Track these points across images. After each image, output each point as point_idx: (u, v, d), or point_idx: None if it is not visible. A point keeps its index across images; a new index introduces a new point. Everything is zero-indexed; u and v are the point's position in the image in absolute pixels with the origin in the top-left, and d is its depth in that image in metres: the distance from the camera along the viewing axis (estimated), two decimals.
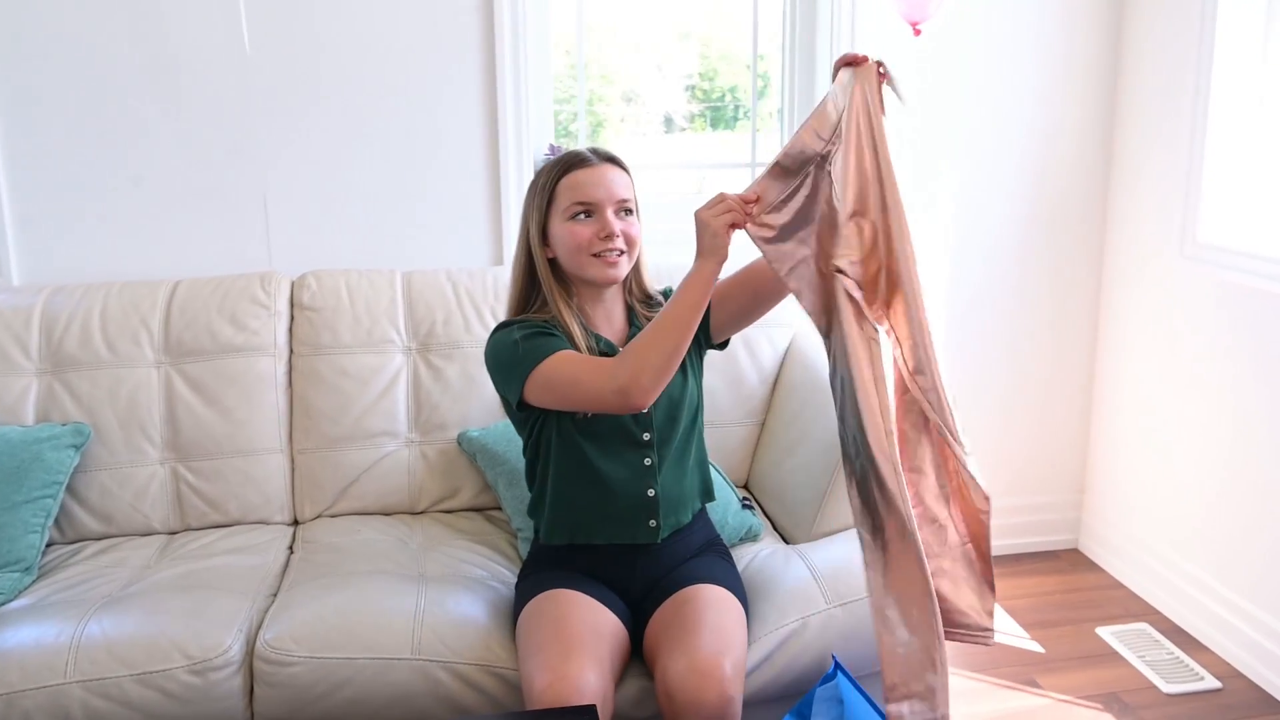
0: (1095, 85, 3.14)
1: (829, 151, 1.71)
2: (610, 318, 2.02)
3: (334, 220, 2.81)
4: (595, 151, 1.98)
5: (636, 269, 2.03)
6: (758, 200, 1.75)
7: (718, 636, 1.79)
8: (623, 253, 1.94)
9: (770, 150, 3.21)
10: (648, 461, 1.97)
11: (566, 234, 1.93)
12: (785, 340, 2.70)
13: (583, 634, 1.82)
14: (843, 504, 2.23)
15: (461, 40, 2.78)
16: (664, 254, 2.35)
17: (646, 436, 1.97)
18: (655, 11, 3.16)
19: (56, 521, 2.40)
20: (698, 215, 1.77)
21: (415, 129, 2.80)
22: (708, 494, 2.11)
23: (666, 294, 2.08)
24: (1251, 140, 2.80)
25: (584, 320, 1.98)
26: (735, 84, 3.33)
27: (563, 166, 1.97)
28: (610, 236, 1.91)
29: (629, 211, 1.96)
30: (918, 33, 2.71)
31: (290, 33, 2.70)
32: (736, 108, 3.34)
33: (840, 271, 1.69)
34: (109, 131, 2.68)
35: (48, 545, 2.38)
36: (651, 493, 1.98)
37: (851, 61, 1.71)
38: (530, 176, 2.86)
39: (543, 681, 1.71)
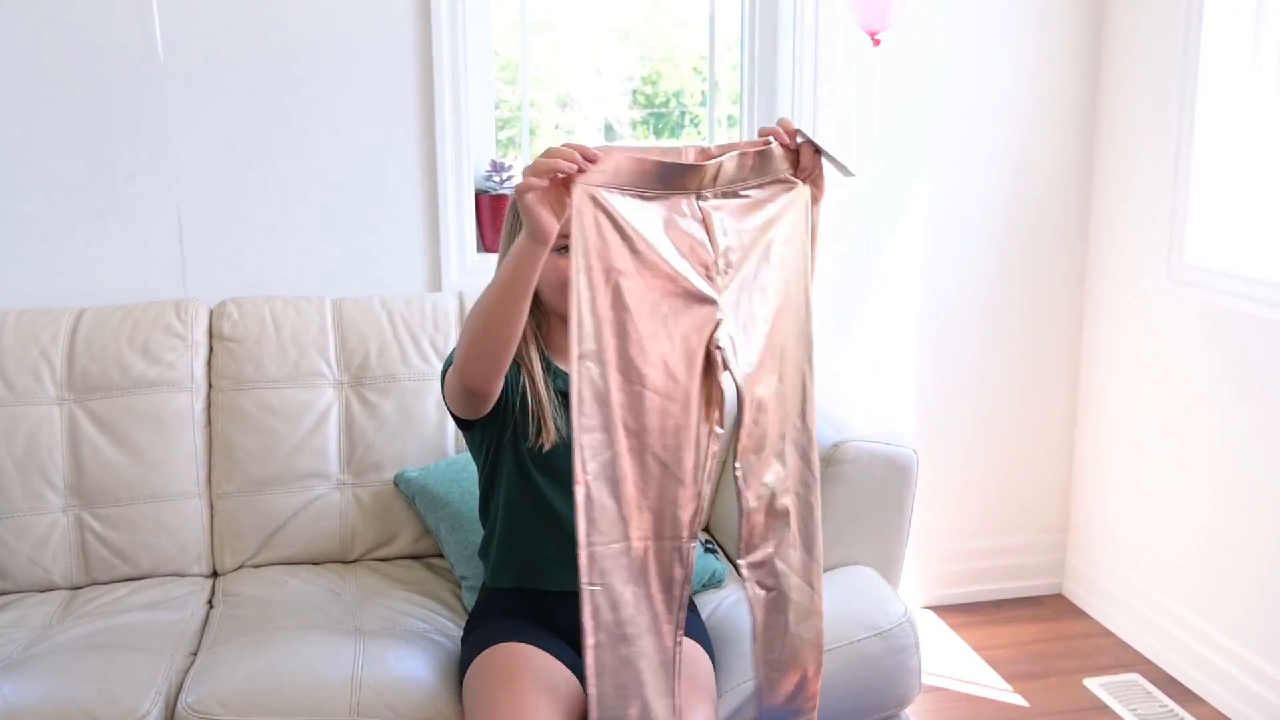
0: (1074, 97, 3.24)
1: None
2: None
3: (256, 243, 2.82)
4: None
5: None
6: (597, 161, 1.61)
7: (692, 693, 1.82)
8: None
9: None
10: None
11: (551, 267, 1.93)
12: None
13: (536, 693, 1.84)
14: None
15: (395, 45, 2.81)
16: None
17: None
18: (592, 9, 3.19)
19: None
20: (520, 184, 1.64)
21: (345, 143, 2.83)
22: None
23: None
24: (1240, 155, 2.90)
25: (548, 352, 2.02)
26: (681, 88, 3.39)
27: None
28: None
29: None
30: (876, 43, 2.80)
31: (208, 39, 2.72)
32: (682, 114, 3.40)
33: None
34: (2, 145, 2.68)
35: None
36: None
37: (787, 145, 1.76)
38: (471, 193, 2.91)
39: None
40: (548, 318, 2.03)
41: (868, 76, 3.11)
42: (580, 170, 1.60)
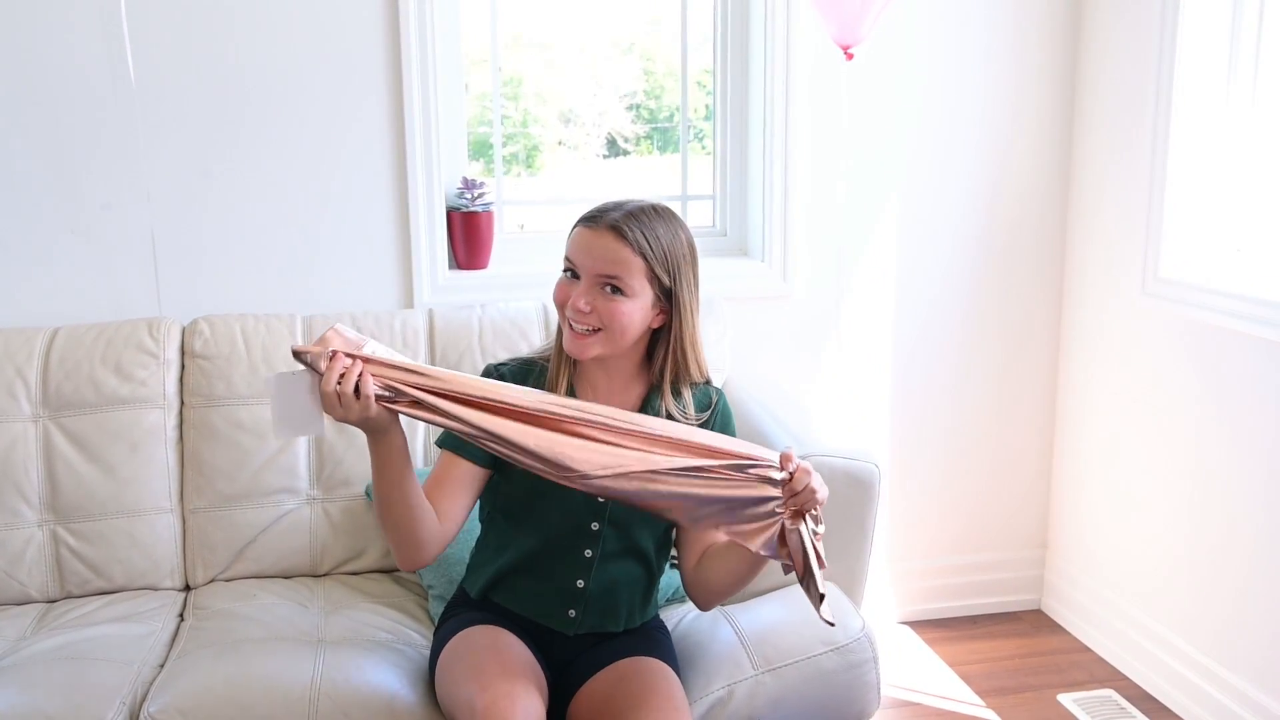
0: (1050, 111, 3.33)
1: None
2: (619, 391, 2.09)
3: (228, 261, 2.92)
4: (620, 209, 1.99)
5: (676, 351, 2.06)
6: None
7: (671, 717, 1.91)
8: (592, 331, 1.97)
9: (705, 177, 3.37)
10: (588, 553, 2.06)
11: (556, 286, 2.04)
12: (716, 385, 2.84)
13: (521, 663, 1.94)
14: (773, 562, 2.37)
15: (364, 63, 2.91)
16: None
17: (595, 526, 2.05)
18: (593, 23, 3.27)
19: None
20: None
21: (316, 162, 2.93)
22: (646, 614, 2.19)
23: (706, 399, 2.14)
24: (1215, 169, 2.97)
25: (576, 379, 2.07)
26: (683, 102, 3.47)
27: (582, 215, 2.03)
28: (576, 310, 1.97)
29: (617, 289, 1.96)
30: (850, 57, 2.88)
31: (179, 62, 2.82)
32: (687, 128, 3.48)
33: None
34: None
35: None
36: (581, 584, 2.07)
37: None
38: (442, 210, 3.01)
39: (485, 700, 1.80)
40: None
41: (840, 90, 3.19)
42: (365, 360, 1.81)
